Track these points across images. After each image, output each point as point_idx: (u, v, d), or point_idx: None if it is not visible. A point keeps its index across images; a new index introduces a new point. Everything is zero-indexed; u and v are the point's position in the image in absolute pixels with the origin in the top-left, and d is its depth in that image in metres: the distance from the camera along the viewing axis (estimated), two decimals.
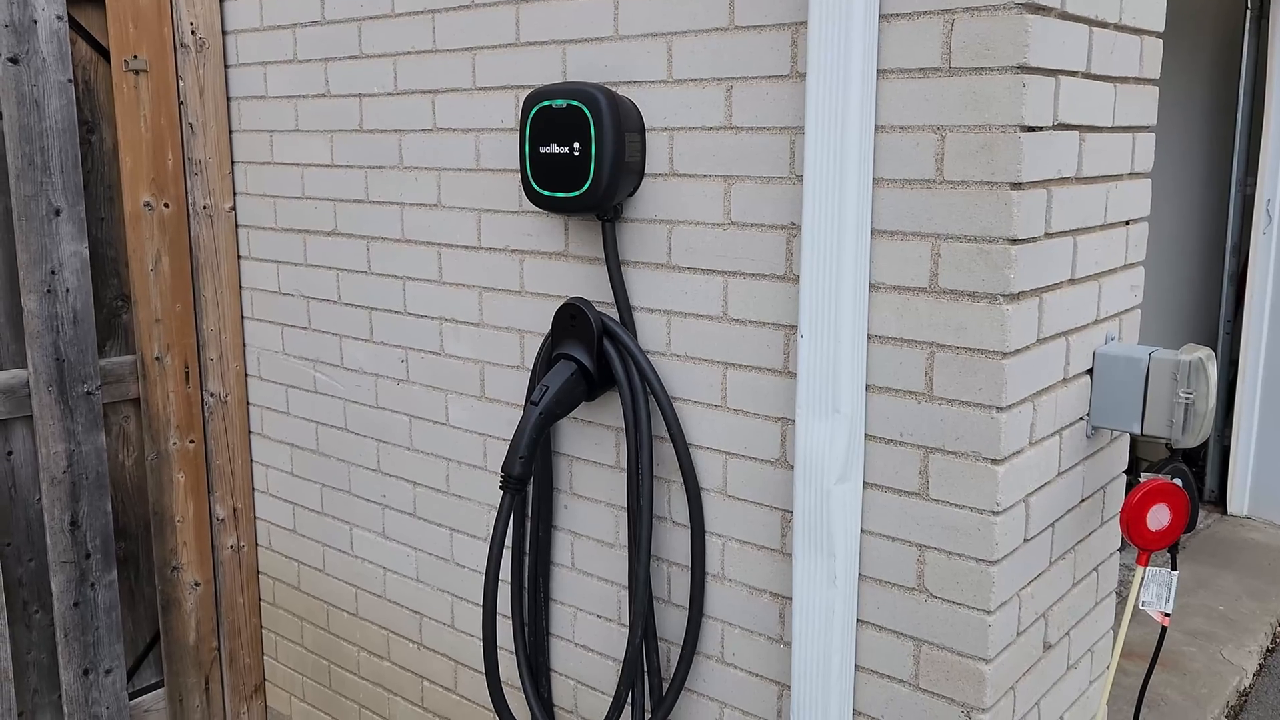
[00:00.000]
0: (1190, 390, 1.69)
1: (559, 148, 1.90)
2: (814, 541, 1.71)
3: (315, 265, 2.68)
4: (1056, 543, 1.79)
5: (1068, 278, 1.69)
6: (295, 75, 2.62)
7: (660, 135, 1.89)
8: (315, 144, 2.60)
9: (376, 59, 2.40)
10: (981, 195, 1.52)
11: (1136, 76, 1.82)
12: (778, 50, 1.71)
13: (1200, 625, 3.64)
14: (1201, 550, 4.29)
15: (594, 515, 2.14)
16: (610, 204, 1.90)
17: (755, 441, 1.85)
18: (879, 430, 1.68)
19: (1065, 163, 1.62)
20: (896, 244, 1.61)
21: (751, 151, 1.77)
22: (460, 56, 2.22)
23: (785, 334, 1.78)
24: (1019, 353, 1.57)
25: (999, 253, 1.52)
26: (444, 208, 2.31)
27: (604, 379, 1.99)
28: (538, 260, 2.14)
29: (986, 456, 1.57)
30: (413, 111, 2.34)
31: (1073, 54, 1.59)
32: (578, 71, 2.00)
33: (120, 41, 2.61)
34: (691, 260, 1.88)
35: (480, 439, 2.35)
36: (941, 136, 1.55)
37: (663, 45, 1.86)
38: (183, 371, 2.82)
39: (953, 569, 1.63)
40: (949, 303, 1.57)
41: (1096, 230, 1.76)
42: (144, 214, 2.70)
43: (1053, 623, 1.83)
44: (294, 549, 2.94)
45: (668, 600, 2.03)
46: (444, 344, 2.38)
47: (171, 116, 2.72)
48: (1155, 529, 1.66)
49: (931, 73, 1.54)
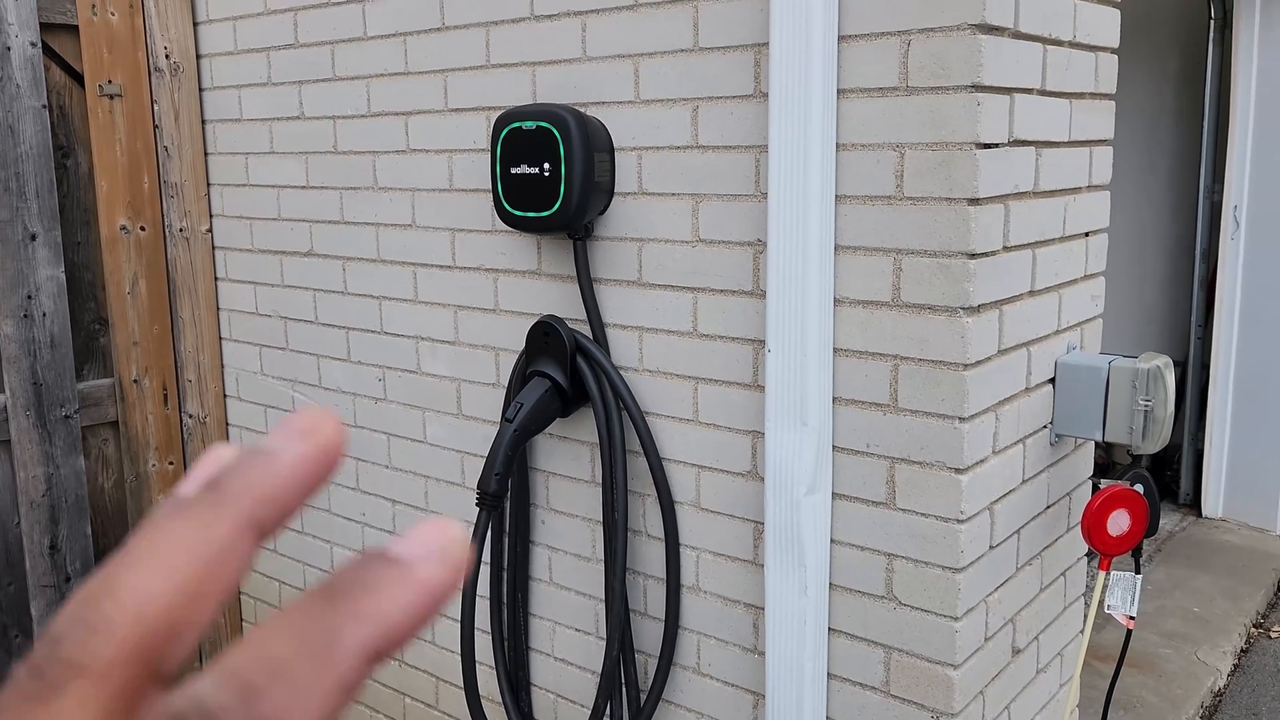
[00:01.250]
0: (1149, 397, 1.73)
1: (530, 168, 1.93)
2: (785, 552, 1.74)
3: (292, 286, 2.70)
4: (1023, 549, 1.83)
5: (1028, 289, 1.73)
6: (270, 98, 2.64)
7: (629, 155, 1.93)
8: (290, 166, 2.63)
9: (350, 81, 2.43)
10: (940, 211, 1.56)
11: (1092, 92, 1.86)
12: (741, 71, 1.75)
13: (1176, 627, 3.68)
14: (1177, 552, 4.34)
15: (571, 530, 2.16)
16: (581, 223, 1.93)
17: (727, 454, 1.88)
18: (846, 442, 1.71)
19: (1022, 177, 1.66)
20: (859, 259, 1.65)
21: (718, 170, 1.81)
22: (432, 78, 2.24)
23: (754, 348, 1.81)
24: (980, 364, 1.61)
25: (958, 266, 1.55)
26: (419, 228, 2.34)
27: (578, 395, 2.02)
28: (511, 279, 2.17)
29: (950, 466, 1.60)
30: (386, 133, 2.37)
31: (1027, 72, 1.63)
32: (547, 93, 2.03)
33: (94, 67, 2.63)
34: (662, 277, 1.92)
35: (458, 456, 2.37)
36: (901, 154, 1.58)
37: (630, 66, 1.90)
38: (161, 393, 2.83)
39: (920, 577, 1.66)
40: (911, 316, 1.61)
41: (1055, 242, 1.80)
42: (120, 237, 2.71)
43: (1021, 628, 1.86)
44: (275, 568, 2.95)
45: (644, 613, 2.06)
46: (421, 362, 2.40)
47: (147, 140, 2.74)
48: (1116, 534, 1.70)
49: (890, 92, 1.58)
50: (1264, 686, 3.41)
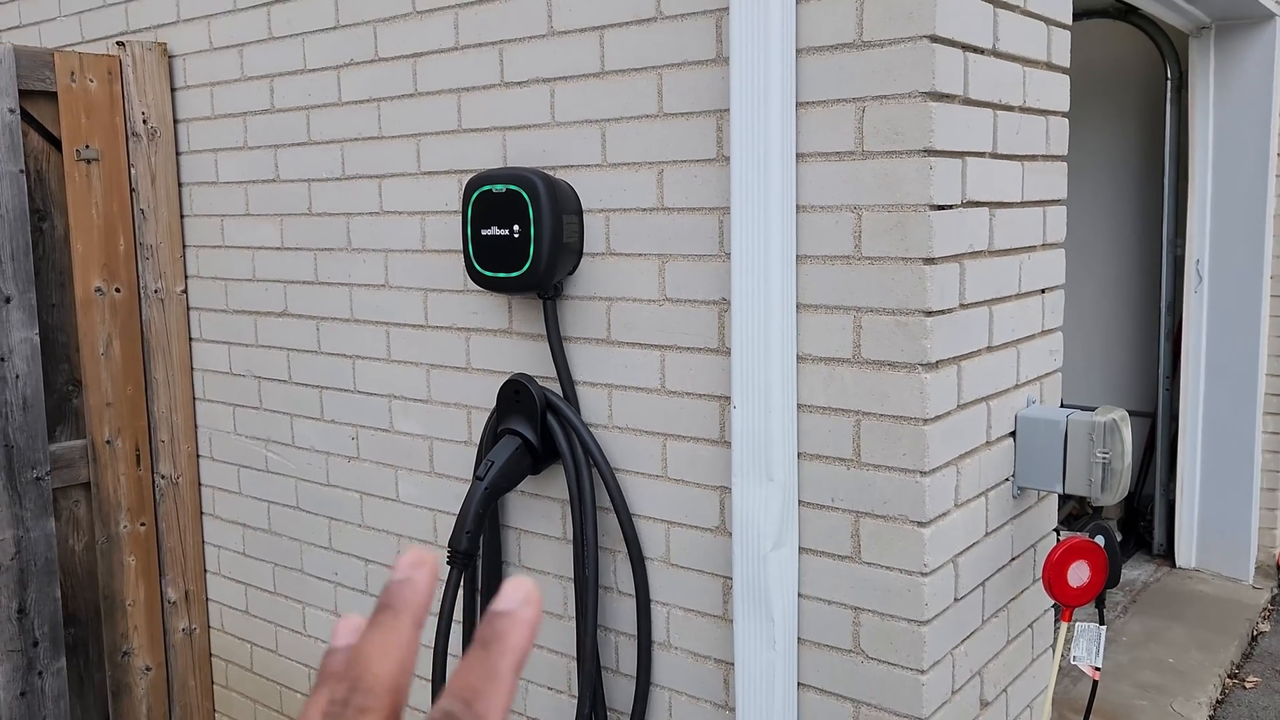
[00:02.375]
0: (1107, 450, 1.77)
1: (500, 230, 1.97)
2: (753, 606, 1.75)
3: (266, 345, 2.72)
4: (988, 601, 1.85)
5: (985, 345, 1.77)
6: (246, 161, 2.68)
7: (597, 216, 1.97)
8: (266, 227, 2.66)
9: (325, 145, 2.48)
10: (897, 270, 1.60)
11: (1044, 154, 1.93)
12: (704, 135, 1.80)
13: (1151, 678, 3.69)
14: (1151, 603, 4.36)
15: (542, 587, 2.16)
16: (550, 283, 1.97)
17: (695, 510, 1.90)
18: (811, 496, 1.74)
19: (977, 237, 1.71)
20: (821, 317, 1.69)
21: (683, 231, 1.85)
22: (405, 142, 2.29)
23: (720, 405, 1.84)
24: (940, 419, 1.64)
25: (916, 324, 1.60)
26: (392, 288, 2.37)
27: (548, 452, 2.04)
28: (483, 337, 2.20)
29: (913, 519, 1.63)
30: (360, 195, 2.41)
31: (978, 136, 1.69)
32: (517, 156, 2.08)
33: (72, 132, 2.66)
34: (630, 335, 1.95)
35: (430, 514, 2.38)
36: (859, 215, 1.63)
37: (597, 131, 1.95)
38: (134, 454, 2.83)
39: (886, 630, 1.68)
40: (872, 372, 1.65)
41: (1012, 299, 1.85)
42: (95, 299, 2.73)
43: (989, 680, 1.88)
44: (246, 630, 2.92)
45: (616, 669, 2.06)
46: (393, 421, 2.42)
47: (123, 203, 2.77)
48: (1076, 585, 1.72)
49: (847, 156, 1.64)
50: None
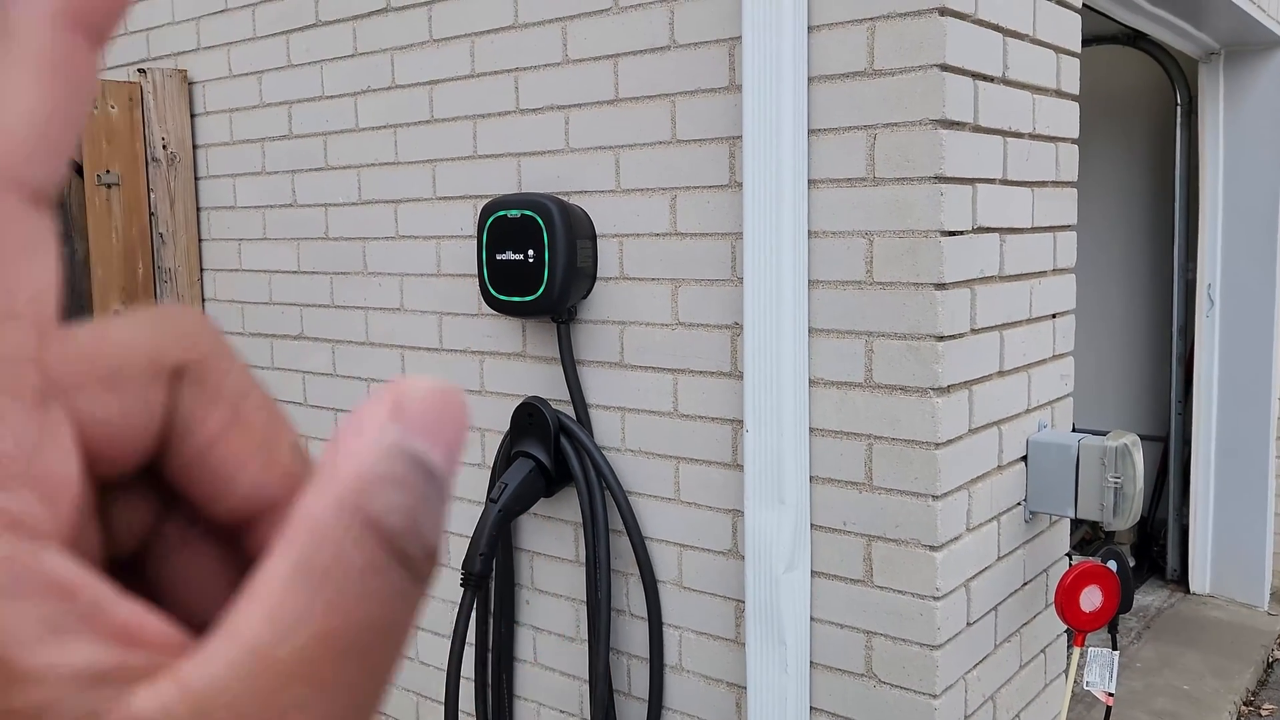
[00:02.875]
0: (1119, 475, 1.78)
1: (515, 254, 1.99)
2: (766, 630, 1.76)
3: (282, 368, 2.74)
4: (1001, 625, 1.85)
5: (996, 370, 1.78)
6: (264, 186, 2.72)
7: (611, 241, 1.99)
8: (282, 251, 2.69)
9: (342, 170, 2.51)
10: (909, 295, 1.62)
11: (1054, 180, 1.94)
12: (717, 162, 1.82)
13: (1165, 705, 3.66)
14: (1165, 629, 4.33)
15: (555, 610, 2.17)
16: (564, 306, 1.99)
17: (708, 533, 1.90)
18: (823, 520, 1.74)
19: (987, 262, 1.73)
20: (833, 341, 1.70)
21: (696, 256, 1.87)
22: (421, 168, 2.32)
23: (733, 428, 1.85)
24: (951, 443, 1.65)
25: (927, 349, 1.61)
26: (407, 311, 2.40)
27: (561, 475, 2.05)
28: (497, 360, 2.22)
29: (925, 543, 1.64)
30: (376, 220, 2.44)
31: (988, 163, 1.71)
32: (532, 182, 2.11)
33: (93, 158, 2.71)
34: (643, 359, 1.97)
35: (444, 537, 2.38)
36: (870, 241, 1.65)
37: (611, 158, 1.97)
38: None
39: (898, 654, 1.68)
40: (884, 396, 1.66)
41: (1023, 324, 1.86)
42: None
43: (1001, 705, 1.87)
44: None
45: (628, 693, 2.06)
46: None
47: (142, 228, 2.80)
48: (1089, 610, 1.73)
49: (858, 182, 1.65)
50: None
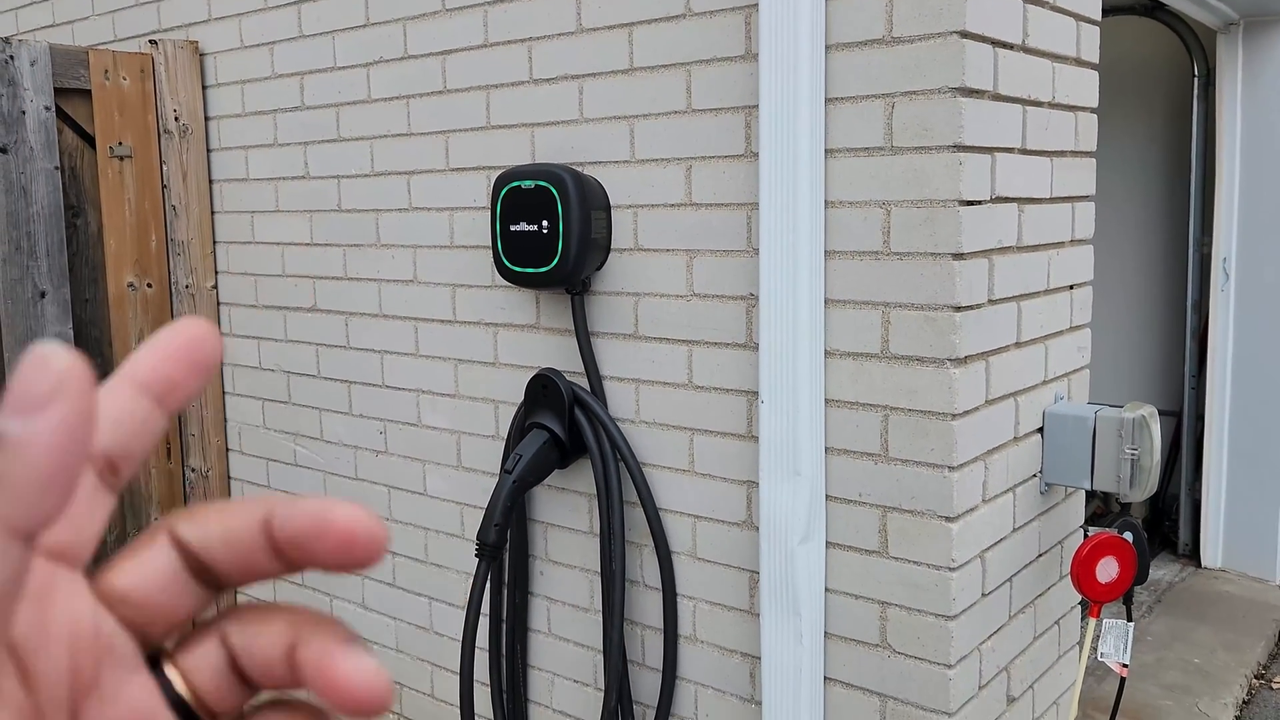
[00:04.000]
0: (1135, 446, 1.77)
1: (528, 225, 1.98)
2: (780, 601, 1.76)
3: (295, 341, 2.74)
4: (1015, 597, 1.85)
5: (1013, 341, 1.77)
6: (276, 158, 2.71)
7: (625, 212, 1.98)
8: (295, 223, 2.69)
9: (354, 142, 2.50)
10: (926, 265, 1.61)
11: (1073, 150, 1.92)
12: (733, 132, 1.81)
13: (1176, 679, 3.67)
14: (1177, 604, 4.33)
15: (569, 581, 2.18)
16: (578, 278, 1.98)
17: (722, 504, 1.90)
18: (839, 491, 1.74)
19: (1005, 233, 1.71)
20: (849, 312, 1.70)
21: (711, 226, 1.86)
22: (434, 139, 2.31)
23: (748, 400, 1.85)
24: (968, 414, 1.65)
25: (944, 319, 1.60)
26: (420, 283, 2.39)
27: (576, 446, 2.05)
28: (510, 333, 2.21)
29: (941, 514, 1.64)
30: (389, 192, 2.43)
31: (1008, 132, 1.69)
32: (546, 152, 2.10)
33: (106, 129, 2.70)
34: (657, 330, 1.96)
35: (458, 508, 2.40)
36: (887, 211, 1.64)
37: (625, 128, 1.96)
38: (164, 447, 2.87)
39: (913, 625, 1.68)
40: (900, 367, 1.65)
41: (1040, 295, 1.85)
42: (128, 294, 2.77)
43: (1015, 676, 1.88)
44: None
45: (642, 663, 2.07)
46: (421, 415, 2.44)
47: (155, 200, 2.80)
48: (1105, 581, 1.72)
49: (875, 151, 1.64)
50: None
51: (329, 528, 0.28)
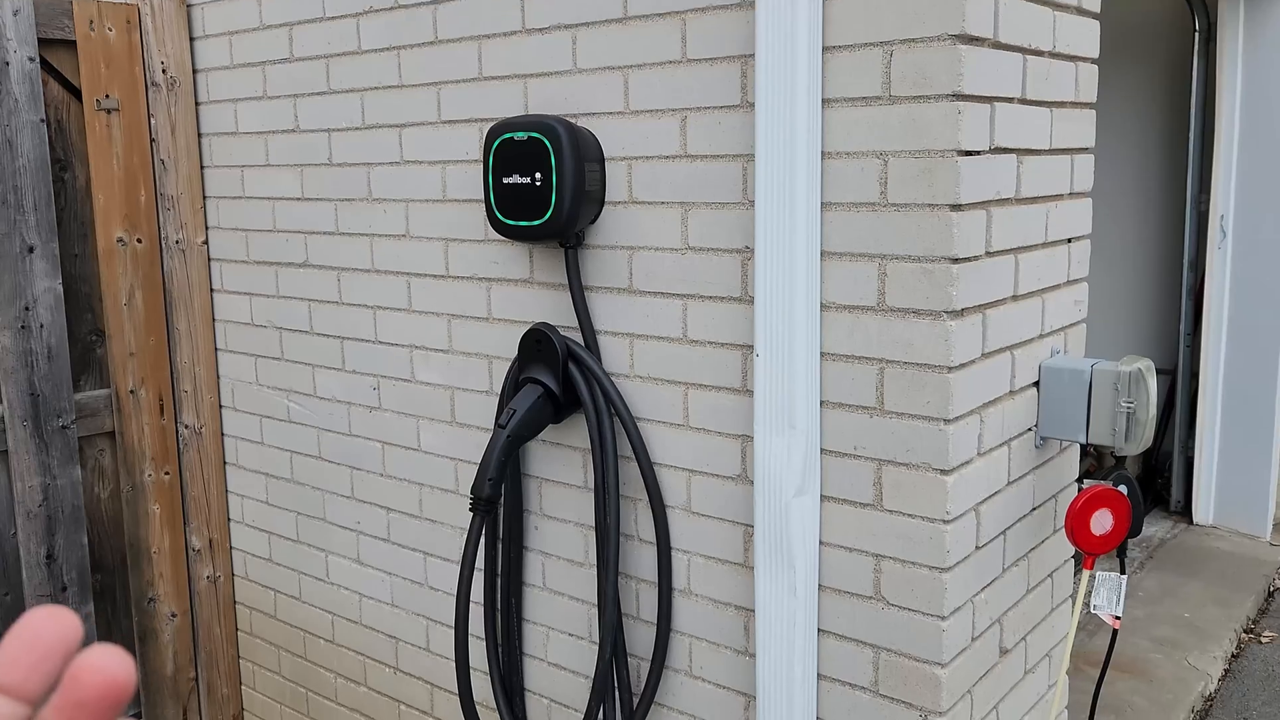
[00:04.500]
0: (1131, 399, 1.76)
1: (521, 178, 1.96)
2: (775, 554, 1.76)
3: (287, 297, 2.73)
4: (1009, 550, 1.85)
5: (1010, 294, 1.76)
6: (266, 111, 2.67)
7: (619, 164, 1.96)
8: (286, 178, 2.66)
9: (345, 95, 2.46)
10: (923, 217, 1.59)
11: (1073, 101, 1.90)
12: (728, 81, 1.78)
13: (1167, 633, 3.70)
14: (1169, 560, 4.37)
15: (564, 535, 2.18)
16: (572, 231, 1.96)
17: (717, 459, 1.90)
18: (834, 444, 1.74)
19: (1004, 184, 1.69)
20: (846, 265, 1.68)
21: (707, 179, 1.84)
22: (426, 91, 2.28)
23: (743, 354, 1.84)
24: (964, 367, 1.64)
25: (941, 271, 1.59)
26: (412, 238, 2.37)
27: (570, 401, 2.04)
28: (504, 287, 2.20)
29: (936, 467, 1.63)
30: (381, 145, 2.40)
31: (1007, 81, 1.67)
32: (539, 104, 2.07)
33: (92, 81, 2.66)
34: (652, 284, 1.94)
35: (452, 463, 2.39)
36: (885, 161, 1.62)
37: (619, 78, 1.93)
38: (157, 404, 2.86)
39: (908, 577, 1.68)
40: (897, 320, 1.64)
41: (1038, 248, 1.84)
42: (117, 250, 2.74)
43: (1009, 628, 1.89)
44: (270, 578, 2.96)
45: (636, 617, 2.08)
46: (414, 371, 2.43)
47: (144, 154, 2.77)
48: (1099, 533, 1.73)
49: (873, 101, 1.62)
50: (1254, 691, 3.43)
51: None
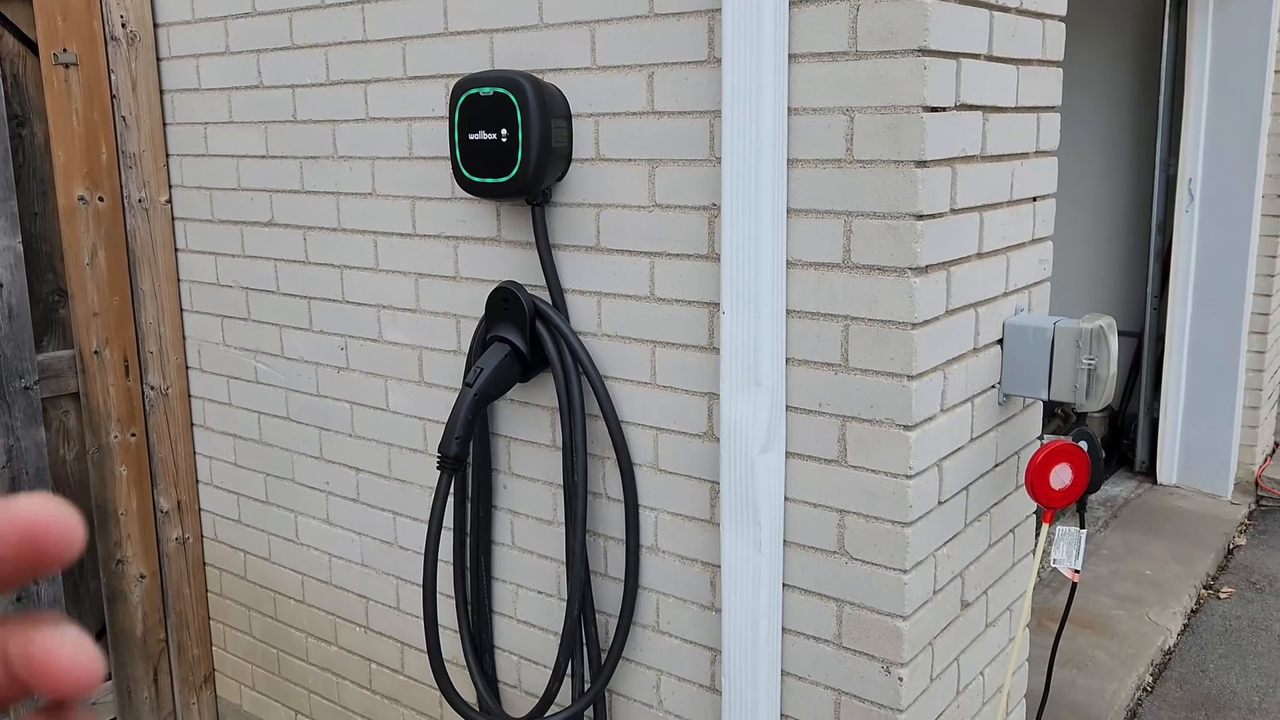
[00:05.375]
0: (1092, 356, 1.78)
1: (487, 134, 1.94)
2: (740, 510, 1.78)
3: (253, 256, 2.70)
4: (971, 505, 1.88)
5: (975, 252, 1.77)
6: (228, 67, 2.63)
7: (586, 121, 1.94)
8: (250, 135, 2.62)
9: (308, 50, 2.43)
10: (889, 173, 1.59)
11: (1040, 59, 1.90)
12: (695, 36, 1.77)
13: (1129, 590, 3.78)
14: (1132, 519, 4.44)
15: (532, 494, 2.19)
16: (539, 188, 1.95)
17: (684, 416, 1.91)
18: (799, 401, 1.75)
19: (969, 141, 1.70)
20: (811, 222, 1.68)
21: (674, 135, 1.83)
22: (391, 46, 2.25)
23: (710, 312, 1.84)
24: (928, 323, 1.65)
25: (906, 228, 1.59)
26: (379, 196, 2.35)
27: (537, 360, 2.04)
28: (471, 246, 2.18)
29: (899, 423, 1.65)
30: (346, 101, 2.37)
31: (974, 37, 1.66)
32: (505, 60, 2.05)
33: (49, 35, 2.60)
34: (619, 242, 1.94)
35: (420, 423, 2.39)
36: (851, 118, 1.62)
37: (586, 33, 1.91)
38: (122, 365, 2.83)
39: (871, 532, 1.70)
40: (862, 277, 1.65)
41: (1003, 206, 1.84)
42: (78, 208, 2.70)
43: (970, 582, 1.91)
44: (240, 539, 2.96)
45: (605, 573, 2.09)
46: (382, 331, 2.42)
47: (104, 110, 2.72)
48: (1058, 488, 1.75)
49: (840, 56, 1.61)
50: (1211, 645, 3.51)
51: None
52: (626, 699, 2.11)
